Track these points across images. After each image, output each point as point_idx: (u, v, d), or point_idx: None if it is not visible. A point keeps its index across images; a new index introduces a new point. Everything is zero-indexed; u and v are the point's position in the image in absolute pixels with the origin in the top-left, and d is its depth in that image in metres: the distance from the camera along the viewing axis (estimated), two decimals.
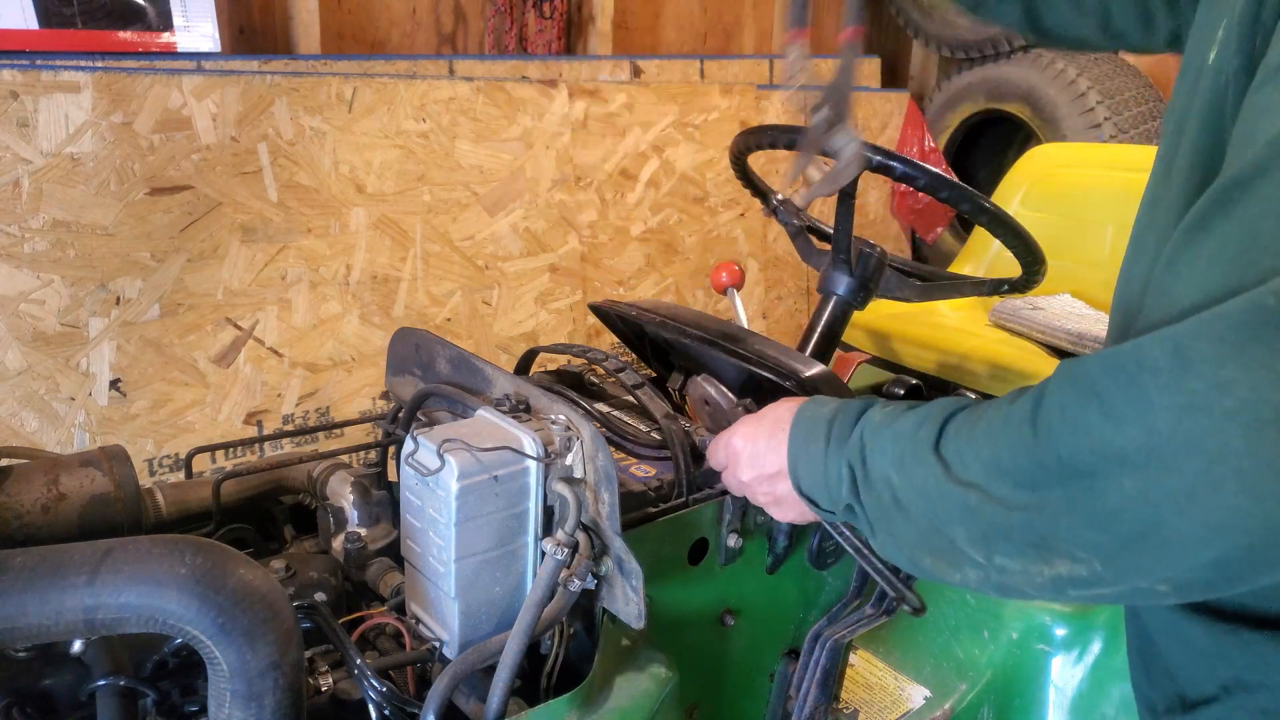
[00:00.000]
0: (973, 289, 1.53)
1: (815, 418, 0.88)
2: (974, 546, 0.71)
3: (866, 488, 0.80)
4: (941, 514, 0.73)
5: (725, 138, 3.24)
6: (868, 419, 0.82)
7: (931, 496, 0.73)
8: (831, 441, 0.84)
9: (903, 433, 0.77)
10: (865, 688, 1.41)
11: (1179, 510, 0.57)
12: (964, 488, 0.70)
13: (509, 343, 2.83)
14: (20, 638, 0.70)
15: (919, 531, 0.75)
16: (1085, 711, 1.35)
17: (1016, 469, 0.67)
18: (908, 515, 0.76)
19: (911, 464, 0.75)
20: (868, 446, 0.80)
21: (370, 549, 1.06)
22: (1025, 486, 0.66)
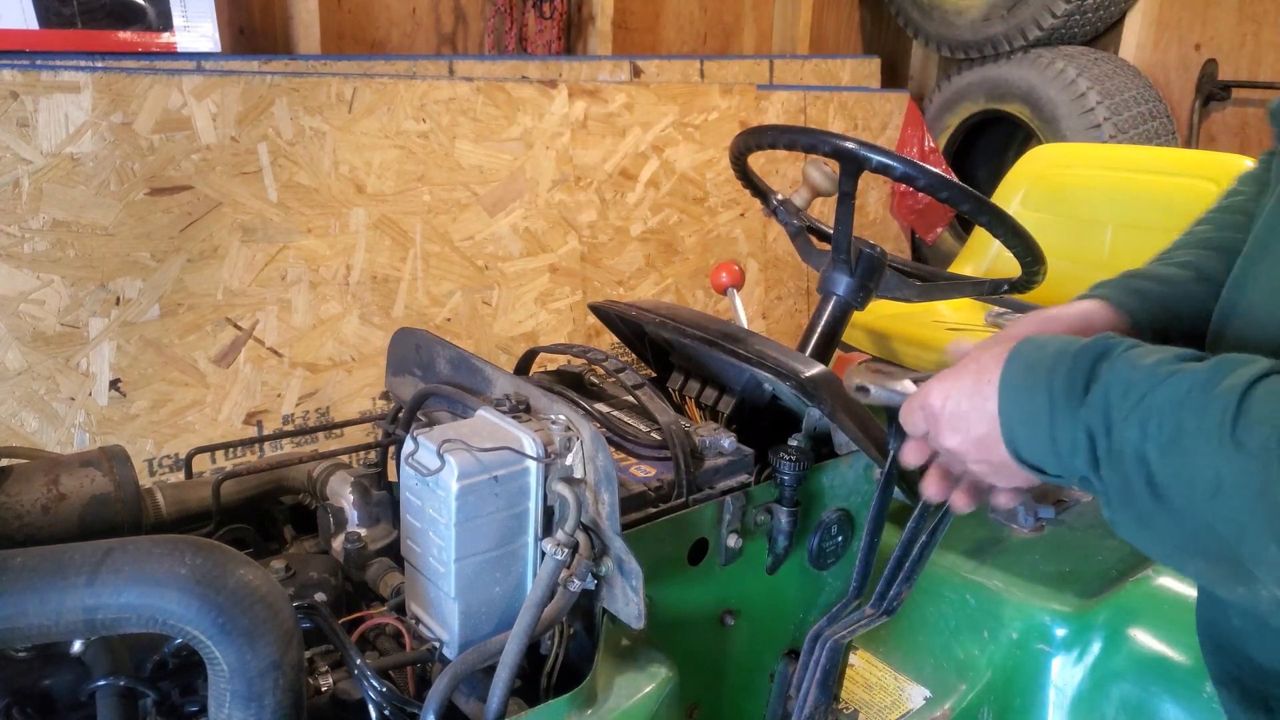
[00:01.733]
0: (973, 289, 1.53)
1: (1032, 364, 0.69)
2: (1273, 572, 0.56)
3: (1113, 464, 0.63)
4: (1237, 522, 0.56)
5: (725, 138, 3.24)
6: (1115, 371, 0.64)
7: (1223, 494, 0.56)
8: (1057, 398, 0.66)
9: (1174, 400, 0.59)
10: (865, 688, 1.41)
11: None
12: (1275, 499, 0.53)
13: (509, 343, 2.83)
14: (20, 638, 0.70)
15: (1186, 532, 0.60)
16: (1085, 711, 1.35)
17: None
18: (1170, 508, 0.60)
19: (1192, 447, 0.57)
20: (1116, 411, 0.62)
21: (370, 549, 1.06)
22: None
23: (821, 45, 4.21)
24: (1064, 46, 3.61)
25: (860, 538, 1.18)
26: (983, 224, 1.37)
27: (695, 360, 1.29)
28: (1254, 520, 0.56)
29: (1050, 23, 3.50)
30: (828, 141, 1.33)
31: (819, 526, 1.14)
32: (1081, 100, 3.38)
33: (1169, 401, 0.59)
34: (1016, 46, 3.65)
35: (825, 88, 3.71)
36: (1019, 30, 3.60)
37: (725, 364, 1.23)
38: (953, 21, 3.83)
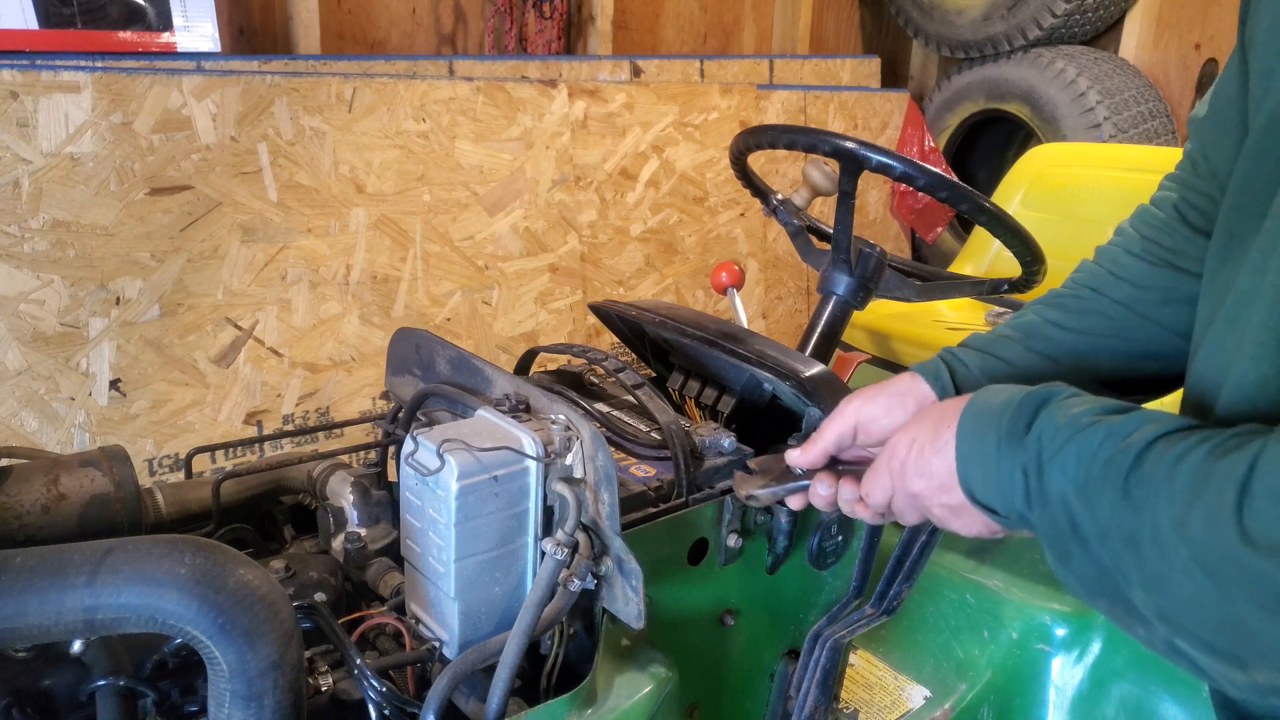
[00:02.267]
0: (973, 289, 1.53)
1: (986, 409, 0.74)
2: (1155, 617, 0.60)
3: (1041, 503, 0.67)
4: (1120, 567, 0.61)
5: (725, 138, 3.24)
6: (1048, 416, 0.69)
7: (1111, 543, 0.61)
8: (1004, 439, 0.70)
9: (1089, 449, 0.64)
10: (865, 688, 1.40)
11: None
12: (1150, 549, 0.58)
13: (509, 343, 2.83)
14: (20, 638, 0.70)
15: (1097, 572, 0.64)
16: (1085, 711, 1.35)
17: (1215, 551, 0.54)
18: (1086, 548, 0.64)
19: (1094, 495, 0.63)
20: (1045, 453, 0.67)
21: (370, 549, 1.06)
22: (1223, 582, 0.54)
23: (821, 45, 4.21)
24: (1064, 46, 3.61)
25: (860, 537, 1.18)
26: (983, 224, 1.37)
27: (695, 360, 1.29)
28: (1129, 567, 0.61)
29: (1050, 22, 3.50)
30: (828, 141, 1.33)
31: (819, 526, 1.14)
32: (1081, 100, 3.38)
33: (1085, 449, 0.64)
34: (1016, 46, 3.65)
35: (825, 87, 3.71)
36: (1019, 30, 3.60)
37: (725, 364, 1.23)
38: (953, 21, 3.83)
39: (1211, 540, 0.55)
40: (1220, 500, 0.54)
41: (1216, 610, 0.55)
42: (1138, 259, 0.95)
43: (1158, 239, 0.95)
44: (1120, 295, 0.95)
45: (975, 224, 1.54)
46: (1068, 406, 0.69)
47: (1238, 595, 0.54)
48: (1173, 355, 0.91)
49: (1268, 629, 0.53)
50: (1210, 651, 0.58)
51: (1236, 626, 0.55)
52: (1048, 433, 0.68)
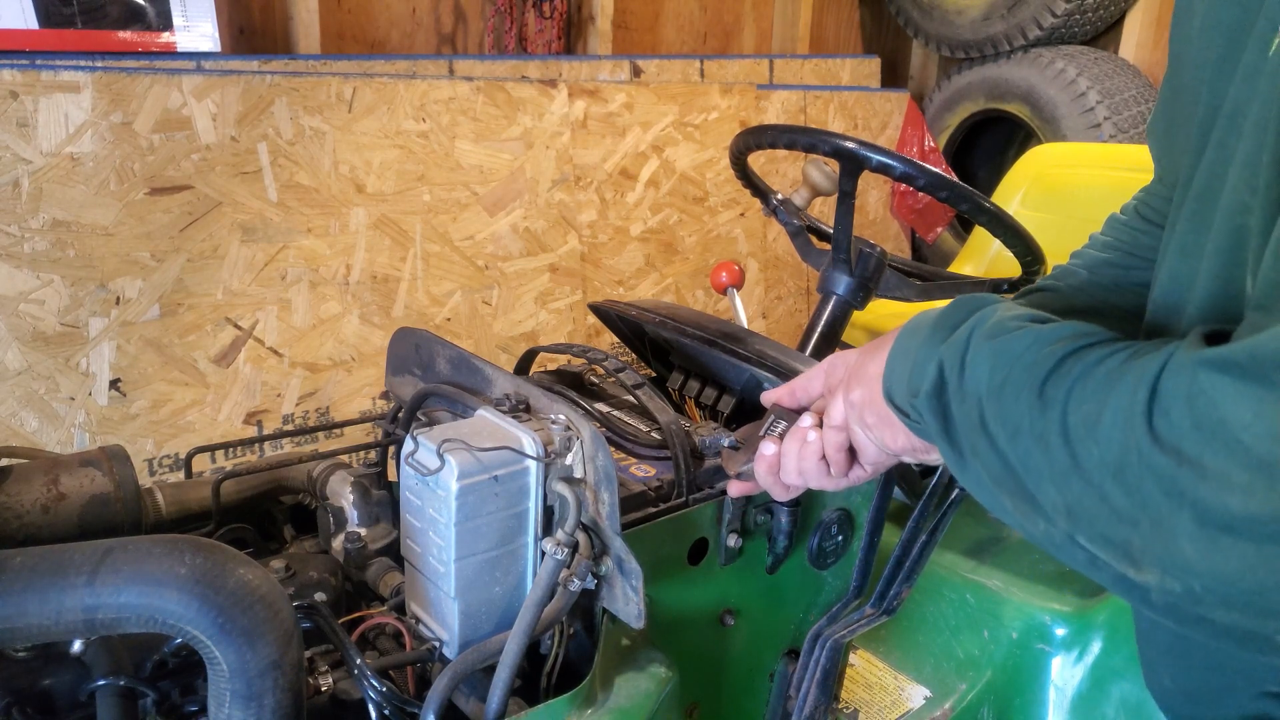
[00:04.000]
0: (973, 289, 1.53)
1: (926, 315, 0.76)
2: (1057, 514, 0.61)
3: (959, 398, 0.68)
4: (1028, 464, 0.63)
5: (725, 138, 3.24)
6: (981, 318, 0.70)
7: (1022, 440, 0.63)
8: (933, 333, 0.72)
9: (1010, 350, 0.65)
10: (865, 688, 1.40)
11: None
12: (1060, 446, 0.60)
13: (509, 343, 2.83)
14: (20, 638, 0.70)
15: (1003, 470, 0.65)
16: (1085, 711, 1.35)
17: (1123, 449, 0.55)
18: (994, 447, 0.65)
19: (1010, 394, 0.64)
20: (970, 351, 0.68)
21: (370, 549, 1.06)
22: (1127, 479, 0.55)
23: (821, 45, 4.21)
24: (1064, 46, 3.61)
25: (860, 537, 1.19)
26: (983, 224, 1.37)
27: (695, 360, 1.29)
28: (1037, 463, 0.62)
29: (1050, 22, 3.50)
30: (828, 141, 1.34)
31: (819, 526, 1.14)
32: (1081, 100, 3.38)
33: (1008, 350, 0.66)
34: (1016, 46, 3.65)
35: (825, 87, 3.71)
36: (1019, 30, 3.60)
37: (725, 364, 1.23)
38: (953, 21, 3.83)
39: (1121, 438, 0.56)
40: (1132, 400, 0.55)
41: (1119, 506, 0.56)
42: (1098, 251, 1.02)
43: (1116, 234, 1.01)
44: (1078, 282, 1.00)
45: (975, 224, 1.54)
46: (1003, 312, 0.70)
47: (1140, 492, 0.55)
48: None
49: (1164, 526, 0.54)
50: (1108, 546, 0.59)
51: (1134, 523, 0.56)
52: (978, 330, 0.69)
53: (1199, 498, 0.52)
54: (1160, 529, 0.55)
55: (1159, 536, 0.55)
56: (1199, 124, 0.71)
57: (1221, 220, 0.66)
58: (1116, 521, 0.57)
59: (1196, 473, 0.52)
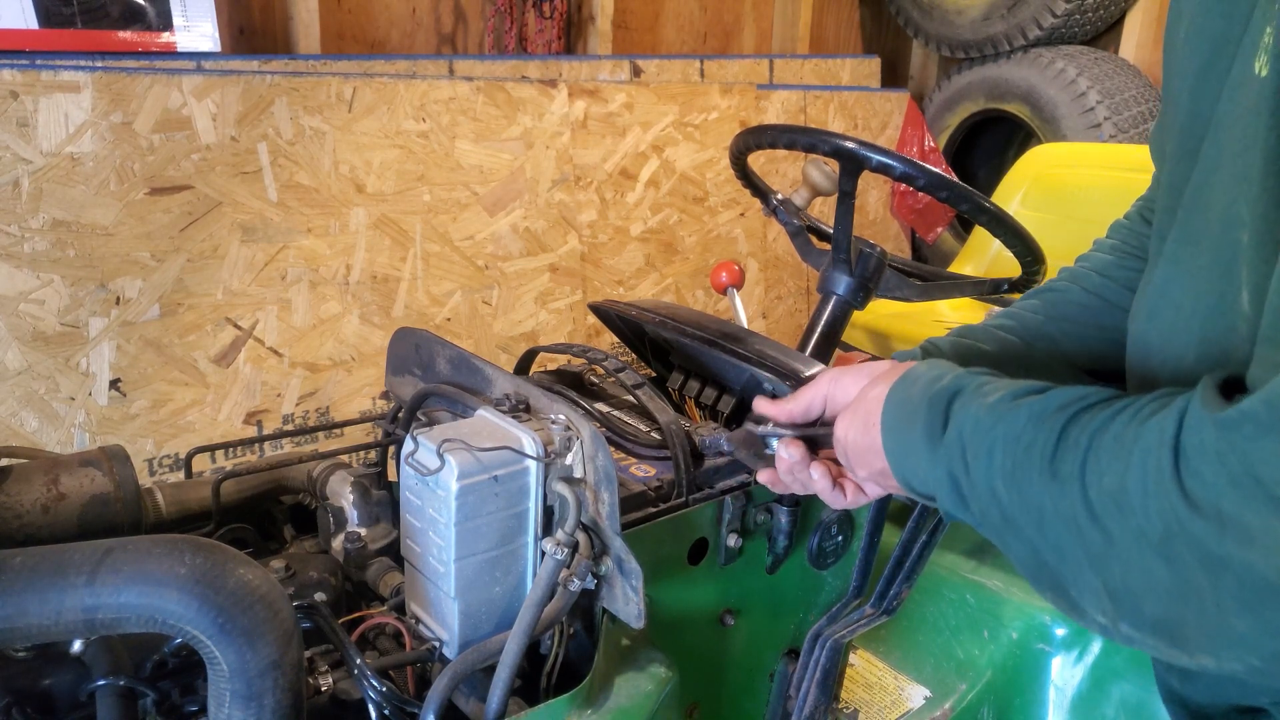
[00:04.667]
0: (973, 289, 1.53)
1: (903, 404, 0.74)
2: (1098, 601, 0.58)
3: (974, 500, 0.67)
4: (1062, 551, 0.60)
5: (725, 138, 3.23)
6: (963, 410, 0.68)
7: (1050, 526, 0.60)
8: (925, 439, 0.71)
9: (1011, 435, 0.63)
10: (865, 688, 1.40)
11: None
12: (1089, 525, 0.57)
13: (509, 343, 2.83)
14: (20, 638, 0.70)
15: (1036, 563, 0.63)
16: (1085, 711, 1.35)
17: (1159, 517, 0.52)
18: (1023, 538, 0.63)
19: (1023, 480, 0.62)
20: (969, 450, 0.67)
21: (370, 549, 1.06)
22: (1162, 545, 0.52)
23: (821, 45, 4.21)
24: (1064, 46, 3.61)
25: (860, 537, 1.19)
26: (983, 224, 1.37)
27: (695, 360, 1.29)
28: (1071, 547, 0.59)
29: (1050, 22, 3.50)
30: (827, 141, 1.33)
31: (819, 526, 1.14)
32: (1081, 100, 3.38)
33: (1007, 436, 0.64)
34: (1016, 46, 3.65)
35: (825, 87, 3.71)
36: (1019, 30, 3.60)
37: (725, 364, 1.23)
38: (953, 21, 3.83)
39: (1154, 506, 0.53)
40: (1157, 464, 0.53)
41: (1160, 580, 0.54)
42: (1106, 254, 1.03)
43: (1124, 237, 1.03)
44: (1091, 285, 1.01)
45: (975, 224, 1.54)
46: (982, 395, 0.68)
47: (1181, 561, 0.52)
48: None
49: (1209, 599, 0.52)
50: (1155, 631, 0.56)
51: (1181, 598, 0.53)
52: (967, 427, 0.67)
53: (1246, 561, 0.49)
54: (1205, 603, 0.52)
55: (1205, 612, 0.52)
56: (1180, 131, 0.72)
57: (1213, 232, 0.66)
58: (1160, 599, 0.54)
59: (1240, 535, 0.49)
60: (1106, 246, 1.04)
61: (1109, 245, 1.04)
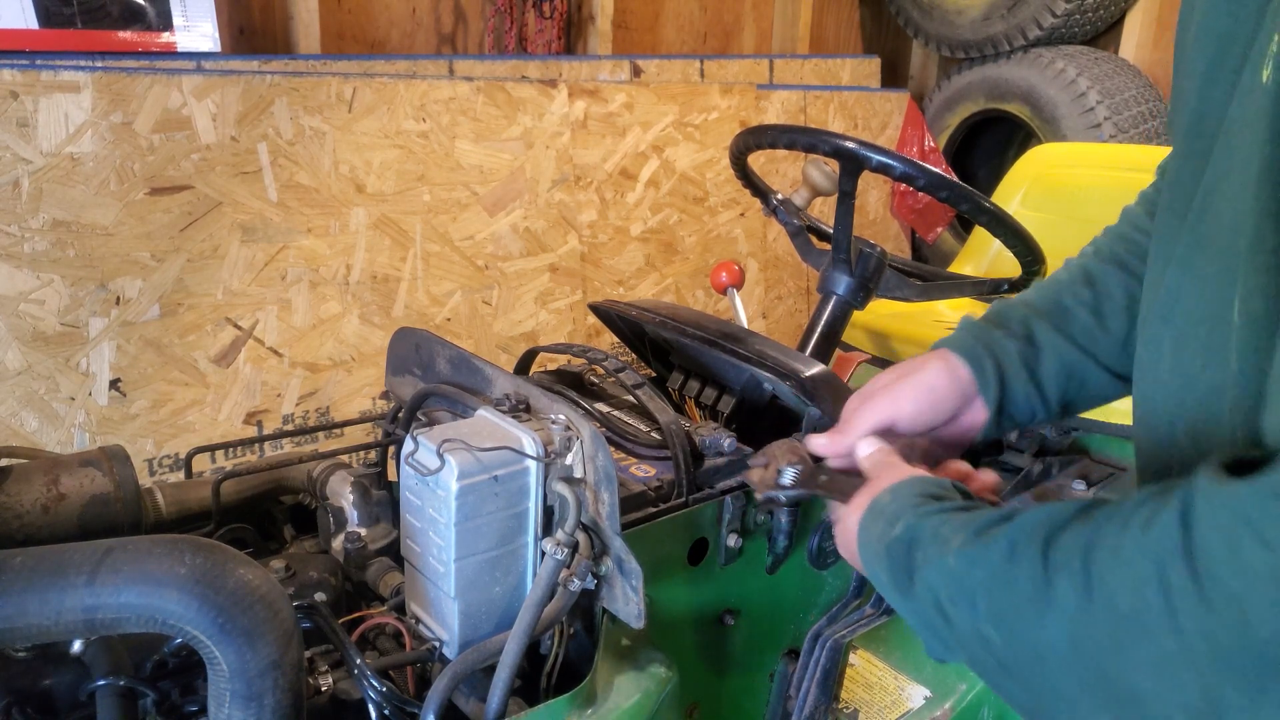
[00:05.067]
0: (973, 289, 1.53)
1: (869, 547, 0.73)
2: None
3: (963, 647, 0.64)
4: (1059, 685, 0.56)
5: (725, 138, 3.23)
6: (928, 565, 0.65)
7: (1051, 664, 0.56)
8: (898, 593, 0.69)
9: (990, 577, 0.60)
10: (865, 688, 1.40)
11: None
12: (1110, 654, 0.53)
13: (509, 343, 2.83)
14: (20, 638, 0.70)
15: (1036, 701, 0.60)
16: None
17: (1173, 632, 0.49)
18: (1018, 680, 0.60)
19: (1015, 619, 0.58)
20: (946, 603, 0.64)
21: (370, 549, 1.06)
22: (1191, 663, 0.49)
23: (821, 45, 4.21)
24: (1064, 46, 3.61)
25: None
26: (983, 224, 1.37)
27: (695, 360, 1.29)
28: (1075, 682, 0.56)
29: (1050, 22, 3.50)
30: (828, 141, 1.34)
31: (819, 526, 1.14)
32: (1081, 100, 3.38)
33: (987, 579, 0.60)
34: (1016, 46, 3.65)
35: (825, 87, 3.71)
36: (1019, 30, 3.60)
37: (725, 364, 1.23)
38: (953, 21, 3.83)
39: (1179, 626, 0.49)
40: (1171, 576, 0.50)
41: (1194, 704, 0.50)
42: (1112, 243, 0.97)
43: (1135, 222, 0.97)
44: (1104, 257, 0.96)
45: (975, 224, 1.54)
46: (941, 542, 0.65)
47: (1215, 683, 0.49)
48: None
49: (1249, 702, 0.49)
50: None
51: (1215, 707, 0.50)
52: (938, 581, 0.64)
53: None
54: (1246, 702, 0.49)
55: (1247, 708, 0.49)
56: (1186, 130, 0.71)
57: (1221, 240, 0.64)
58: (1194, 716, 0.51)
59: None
60: (1113, 234, 0.98)
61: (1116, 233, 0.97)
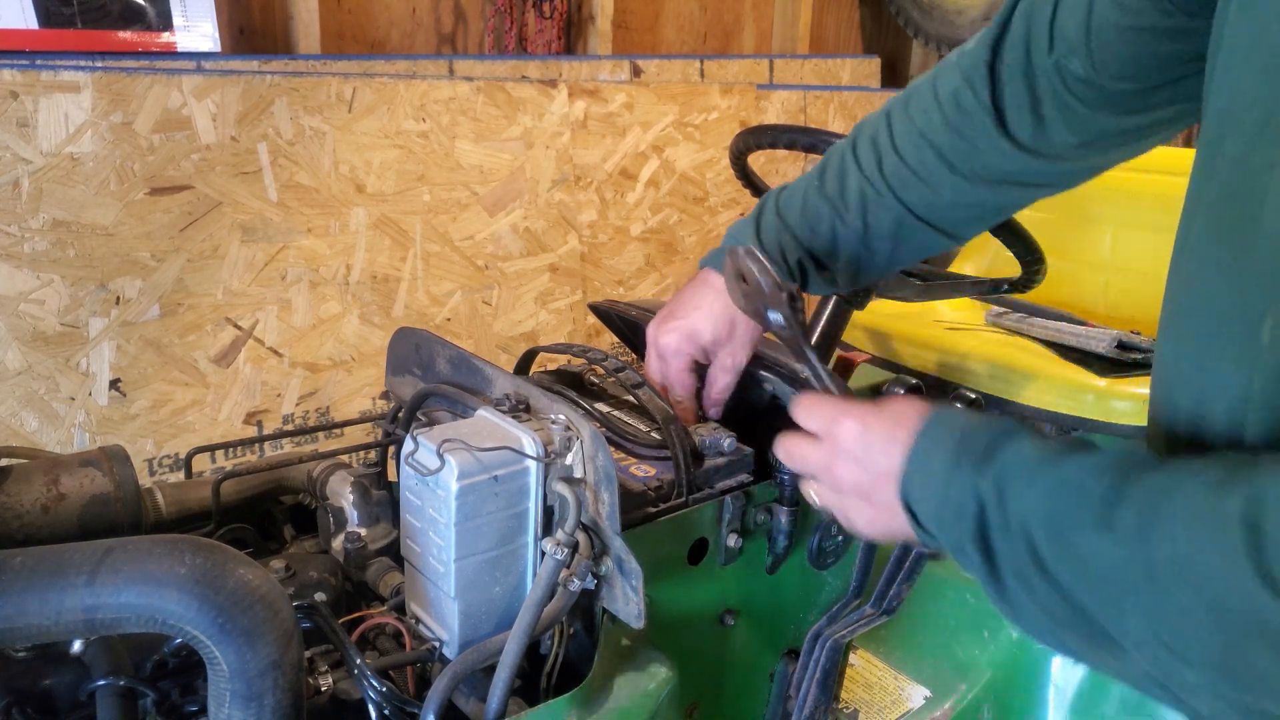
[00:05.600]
0: (973, 289, 1.53)
1: (947, 424, 0.73)
2: (1145, 650, 0.58)
3: (1003, 536, 0.65)
4: (1105, 600, 0.60)
5: (725, 138, 3.23)
6: (1015, 447, 0.68)
7: (1093, 578, 0.60)
8: (961, 461, 0.69)
9: (1062, 480, 0.63)
10: (865, 688, 1.40)
11: None
12: (1145, 585, 0.57)
13: (509, 343, 2.83)
14: (20, 638, 0.70)
15: (1067, 609, 0.62)
16: (1085, 711, 1.35)
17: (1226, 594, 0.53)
18: (1056, 586, 0.62)
19: (1070, 528, 0.61)
20: (1009, 484, 0.66)
21: (370, 549, 1.06)
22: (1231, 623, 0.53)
23: (821, 45, 4.21)
24: None
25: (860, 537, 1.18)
26: None
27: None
28: (1117, 598, 0.59)
29: None
30: (828, 141, 1.34)
31: (819, 526, 1.14)
32: None
33: (1059, 479, 0.63)
34: None
35: (825, 87, 3.71)
36: None
37: None
38: (953, 21, 3.82)
39: (1223, 582, 0.53)
40: (1230, 542, 0.53)
41: (1218, 647, 0.54)
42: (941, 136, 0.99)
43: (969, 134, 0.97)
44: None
45: None
46: (1035, 440, 0.68)
47: (1247, 642, 0.53)
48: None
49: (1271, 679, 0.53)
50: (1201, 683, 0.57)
51: (1235, 664, 0.54)
52: (1015, 464, 0.66)
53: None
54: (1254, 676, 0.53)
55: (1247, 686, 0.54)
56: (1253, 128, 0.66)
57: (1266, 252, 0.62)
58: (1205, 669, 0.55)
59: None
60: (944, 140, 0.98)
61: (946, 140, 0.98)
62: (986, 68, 0.93)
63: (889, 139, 1.02)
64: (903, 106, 1.03)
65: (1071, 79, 0.89)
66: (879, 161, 1.02)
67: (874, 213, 1.03)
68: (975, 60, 0.95)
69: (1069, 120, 0.92)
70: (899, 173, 1.01)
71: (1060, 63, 0.89)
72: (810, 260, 1.07)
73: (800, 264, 1.07)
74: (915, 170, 1.00)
